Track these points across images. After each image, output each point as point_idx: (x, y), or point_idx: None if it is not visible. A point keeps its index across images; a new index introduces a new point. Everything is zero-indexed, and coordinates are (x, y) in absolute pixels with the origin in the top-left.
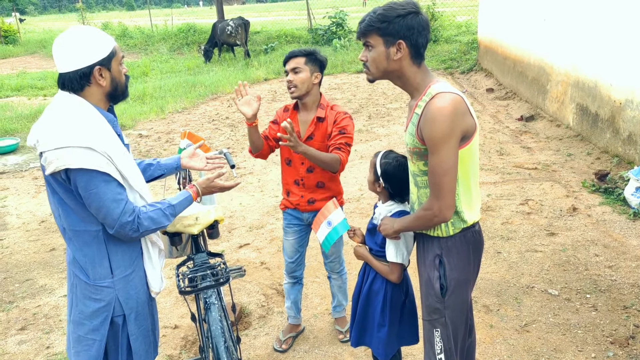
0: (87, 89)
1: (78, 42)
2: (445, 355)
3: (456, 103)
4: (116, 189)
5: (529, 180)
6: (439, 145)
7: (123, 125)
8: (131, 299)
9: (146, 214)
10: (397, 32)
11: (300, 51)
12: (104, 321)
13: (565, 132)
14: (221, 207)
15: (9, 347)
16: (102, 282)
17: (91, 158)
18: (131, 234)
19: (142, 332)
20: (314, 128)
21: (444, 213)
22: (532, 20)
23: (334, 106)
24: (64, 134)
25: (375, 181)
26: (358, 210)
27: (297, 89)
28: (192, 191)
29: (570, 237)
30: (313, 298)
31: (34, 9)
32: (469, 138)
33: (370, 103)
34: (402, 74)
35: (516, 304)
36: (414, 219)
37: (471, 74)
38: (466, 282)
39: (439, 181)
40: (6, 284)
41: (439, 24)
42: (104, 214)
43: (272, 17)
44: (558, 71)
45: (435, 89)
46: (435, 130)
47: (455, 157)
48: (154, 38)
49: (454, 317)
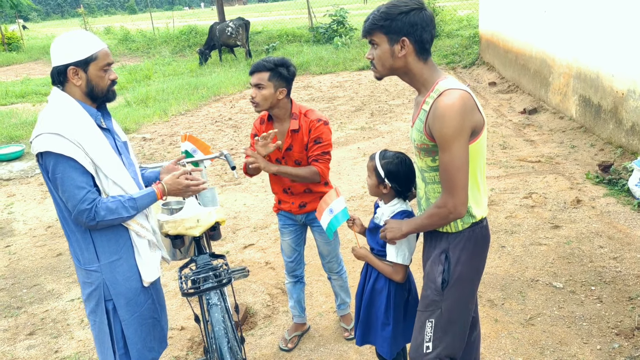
0: (67, 85)
1: (64, 42)
2: (433, 345)
3: (465, 99)
4: (80, 176)
5: (533, 173)
6: (450, 142)
7: (127, 128)
8: (119, 285)
9: (105, 204)
10: (401, 29)
11: (265, 66)
12: (98, 303)
13: (568, 124)
14: (223, 208)
15: (18, 352)
16: (90, 266)
17: (58, 142)
18: (87, 222)
19: (135, 319)
20: (290, 140)
21: (459, 209)
22: (533, 13)
23: (307, 112)
24: (41, 123)
25: (380, 184)
26: (362, 208)
27: (259, 105)
28: (157, 187)
29: (575, 230)
30: (318, 297)
31: (36, 15)
32: (478, 133)
33: (373, 100)
34: (409, 70)
35: (521, 297)
36: (427, 218)
37: (473, 68)
38: (469, 276)
39: (452, 178)
40: (14, 290)
41: (440, 19)
42: (66, 198)
43: (273, 17)
44: (560, 63)
45: (443, 85)
46: (446, 127)
47: (466, 153)
48: (156, 41)
49: (452, 310)
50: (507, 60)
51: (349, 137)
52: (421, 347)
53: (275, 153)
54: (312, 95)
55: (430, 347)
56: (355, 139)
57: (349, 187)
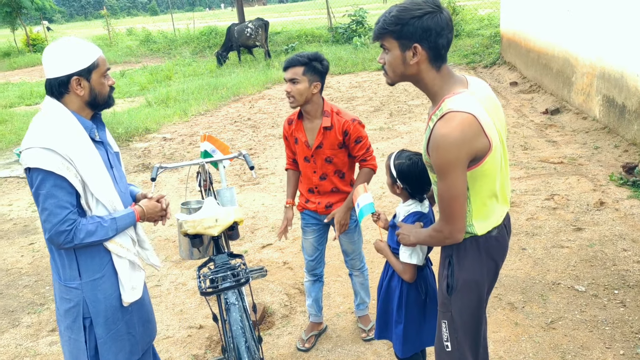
0: (67, 96)
1: (61, 51)
2: (452, 345)
3: (464, 127)
4: (65, 196)
5: (555, 174)
6: (445, 173)
7: (148, 128)
8: (99, 303)
9: (85, 226)
10: (413, 35)
11: (299, 60)
12: (74, 320)
13: (591, 124)
14: (242, 208)
15: (41, 348)
16: (71, 283)
17: (49, 159)
18: (64, 243)
19: (111, 336)
20: (322, 137)
21: (455, 236)
22: (556, 11)
23: (339, 111)
24: (32, 136)
25: (393, 183)
26: (379, 208)
27: (295, 100)
28: (135, 209)
29: (598, 232)
30: (335, 297)
31: (61, 17)
32: (480, 159)
33: (392, 100)
34: (421, 78)
35: (542, 300)
36: (427, 237)
37: (494, 67)
38: (476, 284)
39: (448, 206)
40: (37, 287)
41: (461, 18)
42: (44, 217)
43: (292, 17)
44: (583, 62)
45: (448, 105)
46: (440, 158)
47: (463, 182)
48: (177, 42)
49: (461, 313)
50: (529, 59)
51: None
52: (442, 345)
53: (304, 151)
54: (330, 95)
55: (449, 347)
56: (374, 140)
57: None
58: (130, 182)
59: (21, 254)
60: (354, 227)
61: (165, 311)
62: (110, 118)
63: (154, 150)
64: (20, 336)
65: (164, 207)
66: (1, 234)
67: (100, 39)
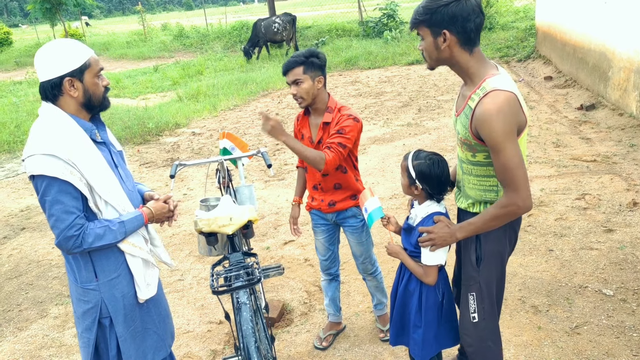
0: (61, 98)
1: (52, 54)
2: (479, 315)
3: (511, 102)
4: (71, 201)
5: (587, 173)
6: (502, 145)
7: (178, 123)
8: (117, 301)
9: (93, 230)
10: (441, 22)
11: (296, 61)
12: (93, 321)
13: (628, 121)
14: (266, 203)
15: (66, 339)
16: (88, 285)
17: (53, 165)
18: (73, 248)
19: (130, 333)
20: (322, 132)
21: (527, 203)
22: (593, 3)
23: (341, 108)
24: (32, 143)
25: (411, 184)
26: (403, 207)
27: (304, 99)
28: (143, 211)
29: (629, 234)
30: (355, 296)
31: (99, 12)
32: (520, 132)
33: (421, 95)
34: (456, 62)
35: (567, 304)
36: (491, 220)
37: (528, 61)
38: (499, 253)
39: (513, 176)
40: (66, 279)
41: (495, 10)
42: (52, 223)
43: (324, 11)
44: (620, 57)
45: (491, 84)
46: (494, 132)
47: (519, 150)
48: (209, 37)
49: (488, 282)
50: (565, 53)
51: (395, 134)
52: (468, 320)
53: (308, 146)
54: (359, 90)
55: (476, 317)
56: (401, 136)
57: (392, 185)
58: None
59: (52, 246)
60: (360, 226)
61: (187, 306)
62: (142, 113)
63: (182, 145)
64: (47, 327)
65: (171, 208)
66: (34, 226)
67: (136, 34)
